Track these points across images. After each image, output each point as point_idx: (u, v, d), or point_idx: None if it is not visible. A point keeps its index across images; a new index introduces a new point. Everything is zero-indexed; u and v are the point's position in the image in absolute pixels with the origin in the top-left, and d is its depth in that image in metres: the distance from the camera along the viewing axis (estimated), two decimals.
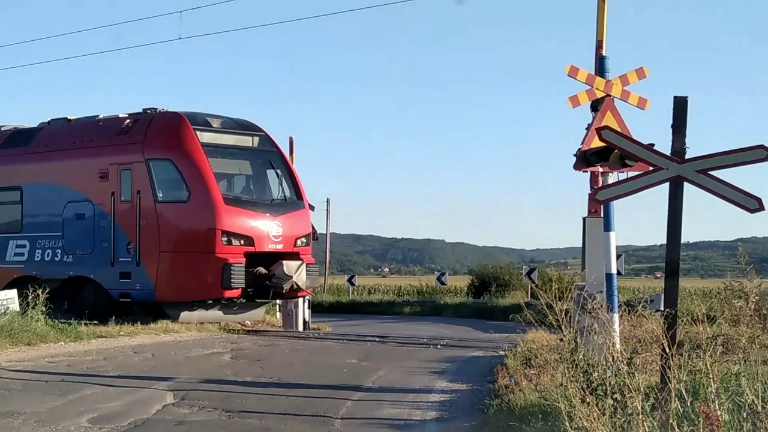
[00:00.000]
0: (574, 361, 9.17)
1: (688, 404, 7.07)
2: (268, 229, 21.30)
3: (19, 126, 25.94)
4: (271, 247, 21.03)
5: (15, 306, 21.48)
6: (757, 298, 7.52)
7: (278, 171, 22.93)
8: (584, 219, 12.97)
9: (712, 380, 7.14)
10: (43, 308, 21.38)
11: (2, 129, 25.90)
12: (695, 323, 9.95)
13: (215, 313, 23.11)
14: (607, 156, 11.20)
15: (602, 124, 11.36)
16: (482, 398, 12.23)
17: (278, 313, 27.52)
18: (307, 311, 26.57)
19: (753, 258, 9.28)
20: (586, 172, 11.97)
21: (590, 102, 11.81)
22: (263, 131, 23.37)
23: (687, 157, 9.38)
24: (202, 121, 22.15)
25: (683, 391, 7.40)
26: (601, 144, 11.04)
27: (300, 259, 22.51)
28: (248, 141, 22.78)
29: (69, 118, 24.49)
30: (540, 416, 9.17)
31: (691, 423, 6.67)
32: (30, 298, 21.58)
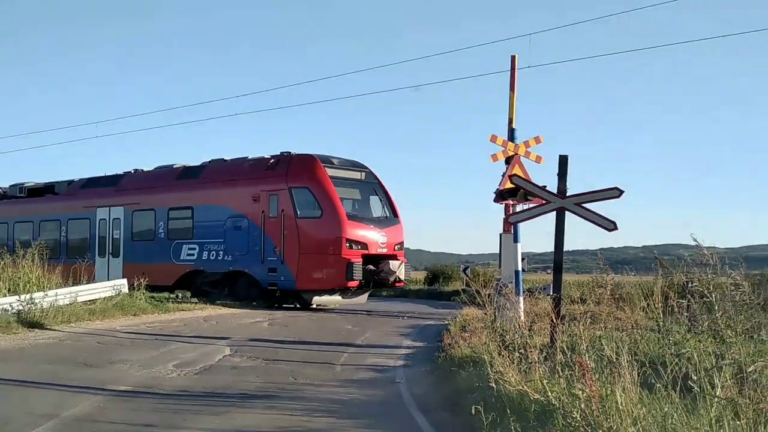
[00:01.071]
0: (493, 327, 9.23)
1: (569, 356, 7.10)
2: (377, 238, 21.04)
3: (186, 164, 25.50)
4: (378, 251, 20.82)
5: (125, 289, 21.39)
6: (611, 287, 7.59)
7: (379, 197, 22.62)
8: (501, 235, 13.27)
9: (583, 341, 7.22)
10: (144, 291, 21.30)
11: (174, 166, 25.58)
12: (573, 303, 10.10)
13: (336, 298, 22.58)
14: (515, 193, 11.33)
15: (512, 173, 11.50)
16: (433, 352, 12.37)
17: None
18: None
19: (609, 261, 9.35)
20: (502, 204, 12.09)
21: (504, 158, 11.91)
22: (367, 168, 23.18)
23: (568, 194, 9.54)
24: (327, 160, 21.96)
25: (565, 348, 7.49)
26: (512, 186, 11.22)
27: (398, 259, 22.24)
28: (358, 175, 22.59)
29: (224, 158, 24.33)
30: (471, 364, 9.31)
31: (570, 369, 6.67)
32: (136, 283, 21.53)
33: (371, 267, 21.41)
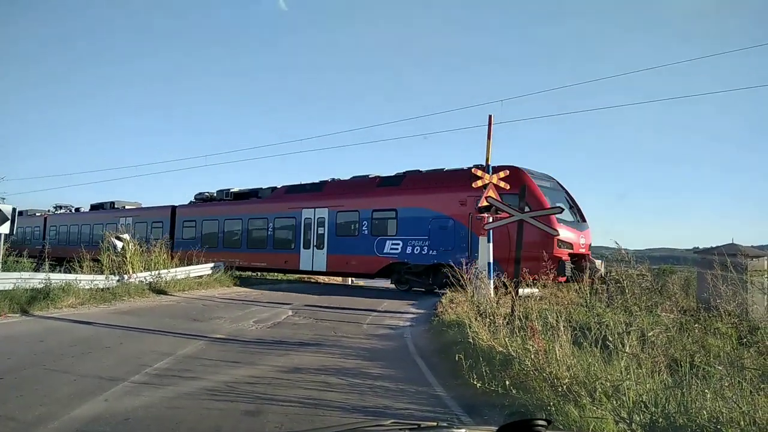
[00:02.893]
0: (472, 301, 9.11)
1: (523, 322, 7.03)
2: (577, 239, 17.55)
3: (380, 174, 21.53)
4: (579, 250, 17.35)
5: (221, 268, 21.53)
6: (554, 274, 7.50)
7: (570, 203, 18.54)
8: (479, 237, 13.01)
9: (534, 312, 7.11)
10: (230, 271, 21.52)
11: (370, 176, 21.56)
12: (528, 286, 9.89)
13: (533, 289, 18.36)
14: (489, 209, 11.21)
15: (488, 195, 11.37)
16: (430, 317, 12.20)
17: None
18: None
19: None
20: (480, 216, 11.95)
21: (483, 184, 11.82)
22: (555, 179, 19.34)
23: (525, 210, 9.44)
24: (530, 172, 18.16)
25: (521, 317, 7.37)
26: (487, 204, 11.09)
27: (591, 257, 18.00)
28: (550, 184, 18.68)
29: (420, 170, 20.41)
30: (456, 326, 9.19)
31: (524, 331, 6.63)
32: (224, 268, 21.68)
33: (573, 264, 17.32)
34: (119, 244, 18.71)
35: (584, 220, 18.53)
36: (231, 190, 26.38)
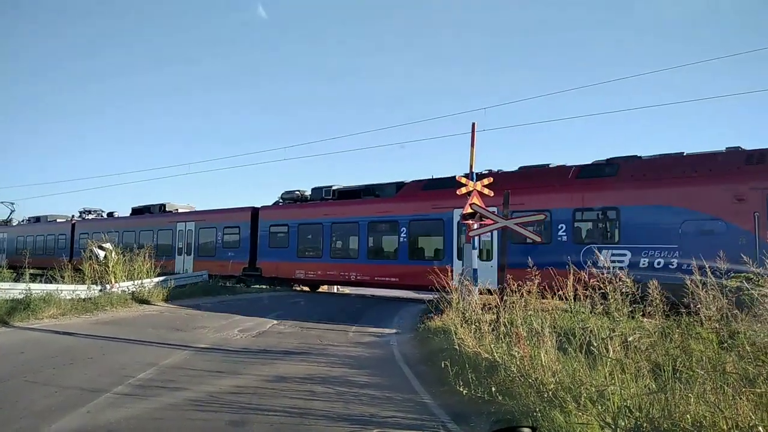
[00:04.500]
0: (458, 308, 9.11)
1: (509, 328, 7.04)
2: None
3: (565, 164, 16.17)
4: None
5: (206, 277, 21.25)
6: (538, 280, 7.51)
7: None
8: (464, 244, 13.00)
9: (519, 318, 7.13)
10: (219, 280, 21.02)
11: (563, 165, 15.92)
12: (513, 293, 9.92)
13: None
14: (474, 216, 11.25)
15: (472, 202, 11.43)
16: (416, 324, 12.11)
17: None
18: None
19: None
20: (465, 223, 11.97)
21: (467, 191, 11.87)
22: None
23: (509, 218, 9.49)
24: None
25: (506, 323, 7.37)
26: (471, 210, 11.13)
27: None
28: None
29: (638, 155, 14.93)
30: (442, 332, 9.19)
31: (509, 337, 6.64)
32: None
33: None
34: (101, 253, 18.42)
35: None
36: (333, 188, 21.42)
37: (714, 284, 5.68)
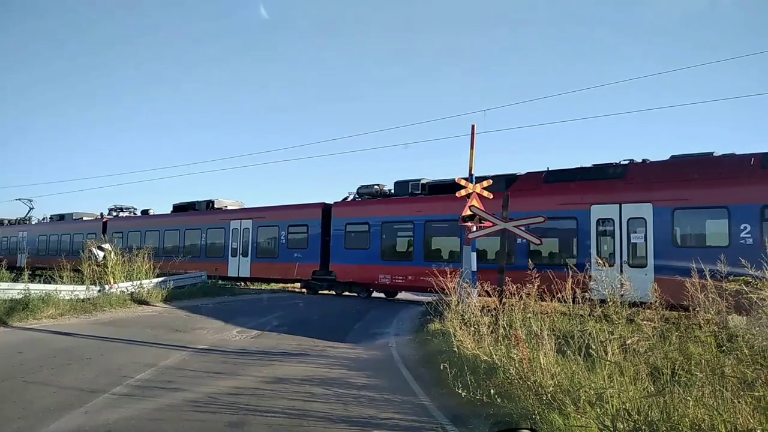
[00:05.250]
0: (457, 310, 9.11)
1: (508, 331, 7.04)
2: None
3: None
4: None
5: (204, 278, 21.26)
6: (537, 283, 7.50)
7: None
8: (462, 247, 13.10)
9: (518, 320, 7.13)
10: (218, 280, 21.06)
11: (743, 154, 13.07)
12: (512, 296, 9.92)
13: None
14: (473, 218, 11.25)
15: (471, 204, 11.44)
16: (415, 325, 12.11)
17: None
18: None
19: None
20: (464, 225, 11.97)
21: (466, 194, 11.88)
22: None
23: (508, 220, 9.50)
24: None
25: (505, 325, 7.38)
26: (470, 213, 11.16)
27: None
28: None
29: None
30: (441, 334, 9.20)
31: (508, 339, 6.64)
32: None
33: None
34: (100, 254, 18.40)
35: None
36: (421, 182, 18.36)
37: None
